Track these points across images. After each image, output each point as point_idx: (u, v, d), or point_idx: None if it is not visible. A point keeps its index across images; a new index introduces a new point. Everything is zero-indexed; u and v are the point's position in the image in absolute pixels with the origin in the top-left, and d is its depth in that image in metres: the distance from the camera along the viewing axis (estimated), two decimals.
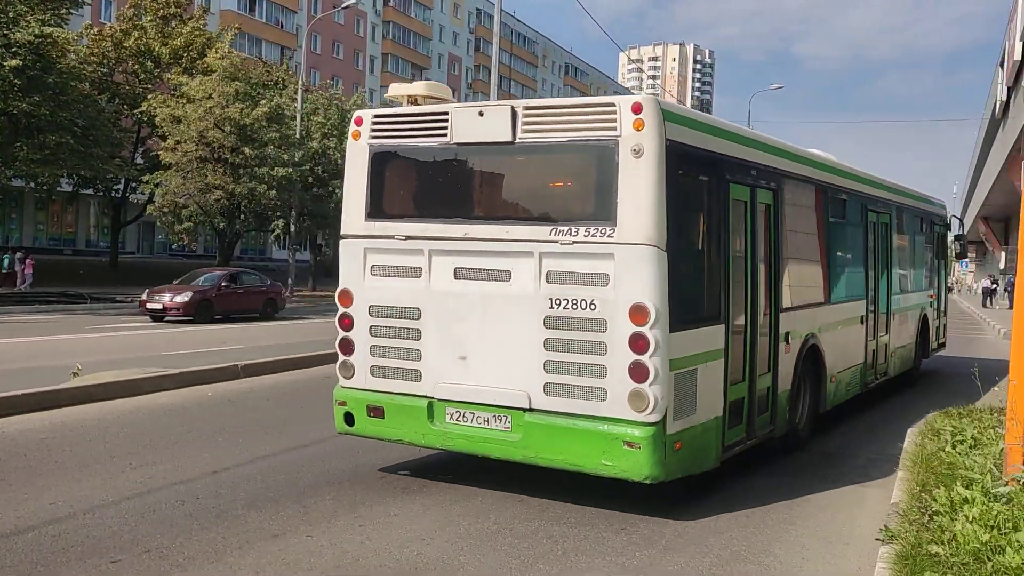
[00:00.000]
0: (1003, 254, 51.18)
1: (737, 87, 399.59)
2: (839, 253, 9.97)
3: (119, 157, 34.31)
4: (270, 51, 59.45)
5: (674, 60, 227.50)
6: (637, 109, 5.93)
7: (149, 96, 34.31)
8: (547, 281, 6.20)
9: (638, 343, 5.82)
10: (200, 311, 21.30)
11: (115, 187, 37.93)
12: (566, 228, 6.15)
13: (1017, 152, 34.52)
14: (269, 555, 5.10)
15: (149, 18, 36.86)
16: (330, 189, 39.51)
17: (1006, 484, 5.59)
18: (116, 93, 36.56)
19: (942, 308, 15.30)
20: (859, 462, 8.04)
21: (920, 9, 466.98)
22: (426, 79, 61.62)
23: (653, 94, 6.62)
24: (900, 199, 12.63)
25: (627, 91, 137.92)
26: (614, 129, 5.99)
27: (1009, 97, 37.57)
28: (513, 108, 6.42)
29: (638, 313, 5.83)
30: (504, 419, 6.34)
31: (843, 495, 6.84)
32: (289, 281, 37.25)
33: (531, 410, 6.19)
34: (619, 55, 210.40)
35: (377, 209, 7.05)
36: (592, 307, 6.00)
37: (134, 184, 37.18)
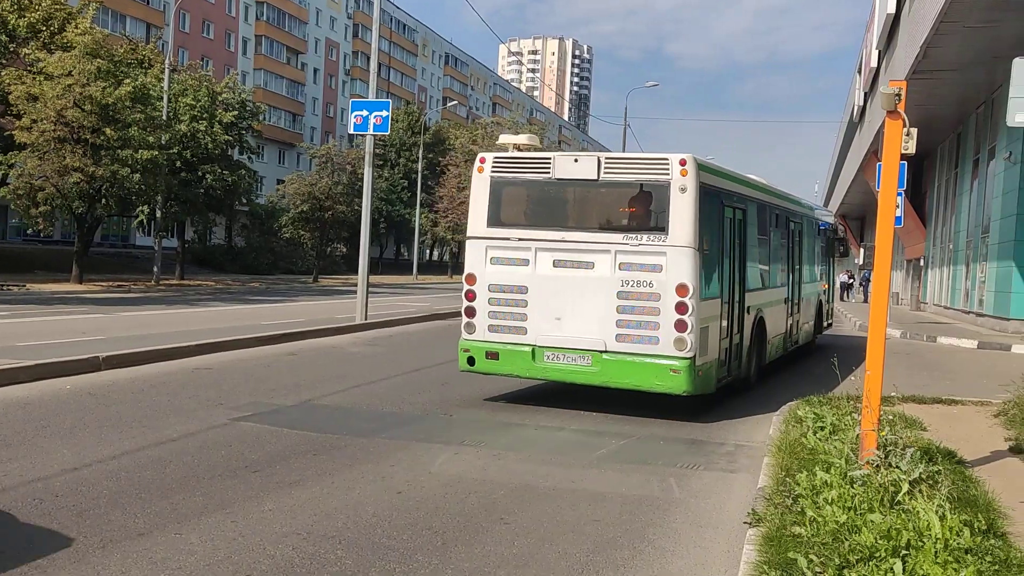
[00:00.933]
0: (861, 250, 54.25)
1: (614, 83, 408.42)
2: (774, 251, 13.60)
3: None
4: (135, 28, 56.69)
5: (553, 54, 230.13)
6: (683, 163, 9.27)
7: (3, 72, 32.10)
8: (619, 269, 9.45)
9: (681, 307, 9.11)
10: None
11: None
12: (634, 235, 9.44)
13: (873, 154, 36.61)
14: (135, 554, 4.87)
15: None
16: (199, 174, 38.02)
17: (861, 468, 5.90)
18: None
19: (830, 297, 19.89)
20: (728, 449, 8.35)
21: (785, 15, 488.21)
22: (301, 63, 60.27)
23: (692, 156, 9.56)
24: (806, 211, 16.64)
25: (507, 83, 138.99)
26: (667, 174, 9.31)
27: (866, 102, 39.78)
28: (599, 158, 9.87)
29: (682, 288, 9.12)
30: (587, 358, 9.55)
31: (713, 481, 7.09)
32: (155, 269, 35.71)
33: (606, 351, 9.41)
34: (499, 47, 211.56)
35: (495, 219, 10.22)
36: (651, 285, 9.26)
37: None
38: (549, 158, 10.12)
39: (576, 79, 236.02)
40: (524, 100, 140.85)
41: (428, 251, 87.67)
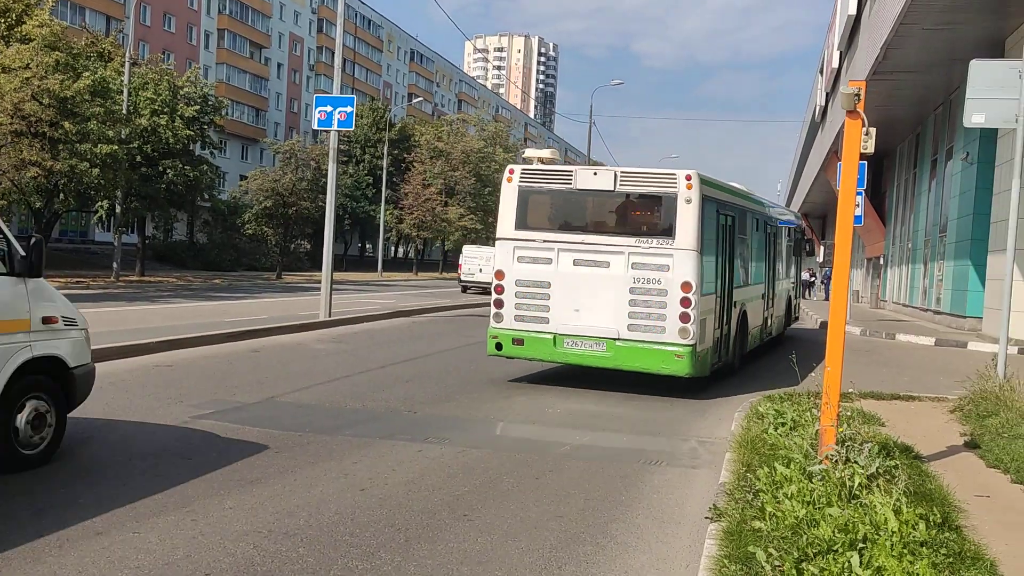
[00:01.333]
0: (821, 249, 54.95)
1: (580, 81, 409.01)
2: (755, 252, 15.11)
3: None
4: (95, 20, 55.74)
5: (519, 52, 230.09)
6: (688, 178, 10.70)
7: None
8: (632, 268, 10.76)
9: (685, 302, 10.48)
10: None
11: None
12: (645, 239, 10.79)
13: (834, 153, 37.08)
14: (93, 553, 4.80)
15: None
16: (160, 169, 37.46)
17: (820, 463, 5.98)
18: None
19: (798, 293, 22.16)
20: (691, 445, 8.42)
21: (747, 15, 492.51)
22: (265, 57, 59.56)
23: (695, 171, 11.02)
24: (780, 215, 18.62)
25: (473, 80, 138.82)
26: (674, 187, 10.72)
27: (828, 102, 40.28)
28: (615, 171, 11.25)
29: (686, 286, 10.51)
30: (602, 344, 10.89)
31: (676, 477, 7.15)
32: (115, 265, 35.16)
33: (619, 339, 10.76)
34: (465, 44, 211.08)
35: (522, 223, 11.48)
36: (659, 283, 10.61)
37: None
38: (571, 171, 11.64)
39: (542, 77, 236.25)
40: (490, 97, 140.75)
41: (393, 248, 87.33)
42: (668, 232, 10.70)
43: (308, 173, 48.35)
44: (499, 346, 11.46)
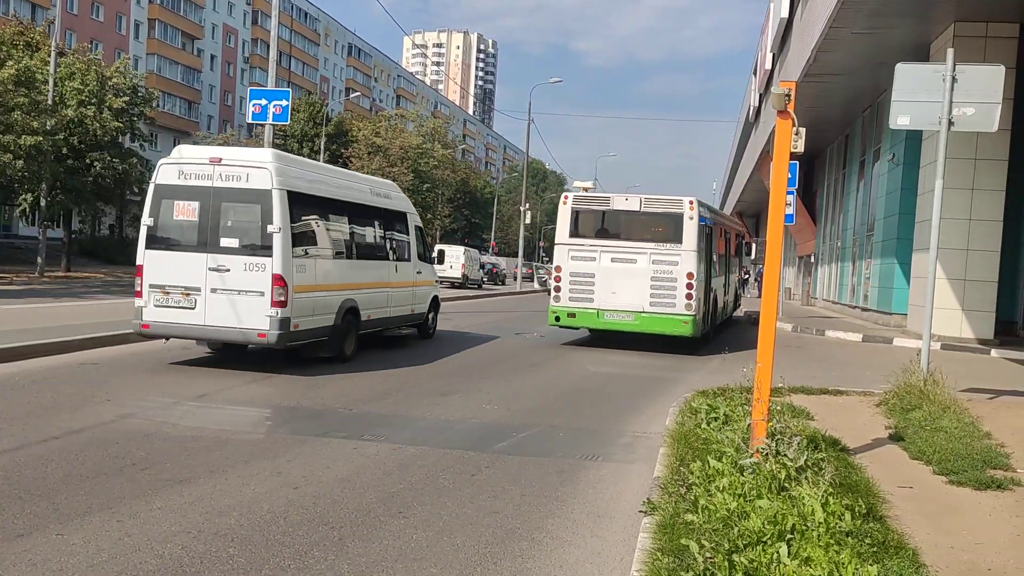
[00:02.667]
0: (754, 246, 55.92)
1: (519, 78, 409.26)
2: (720, 252, 19.89)
3: None
4: (20, 8, 53.99)
5: (458, 48, 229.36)
6: (691, 203, 15.65)
7: None
8: (652, 263, 15.51)
9: (688, 286, 15.30)
10: None
11: None
12: (661, 244, 15.54)
13: (767, 153, 37.76)
14: (13, 556, 4.64)
15: None
16: (88, 161, 36.38)
17: (752, 456, 6.09)
18: None
19: (738, 284, 28.18)
20: (626, 440, 8.50)
21: (684, 15, 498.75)
22: (197, 49, 58.63)
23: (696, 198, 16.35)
24: (734, 225, 25.29)
25: (411, 75, 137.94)
26: (682, 208, 15.65)
27: (761, 103, 41.01)
28: (640, 197, 16.22)
29: (689, 275, 15.35)
30: (631, 316, 15.65)
31: (611, 471, 7.20)
32: (39, 260, 34.07)
33: (643, 312, 15.49)
34: (404, 39, 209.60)
35: (574, 232, 16.28)
36: (670, 273, 15.32)
37: None
38: (609, 196, 17.07)
39: (481, 73, 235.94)
40: (428, 93, 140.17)
41: None
42: (677, 239, 15.62)
43: None
44: (558, 318, 16.36)
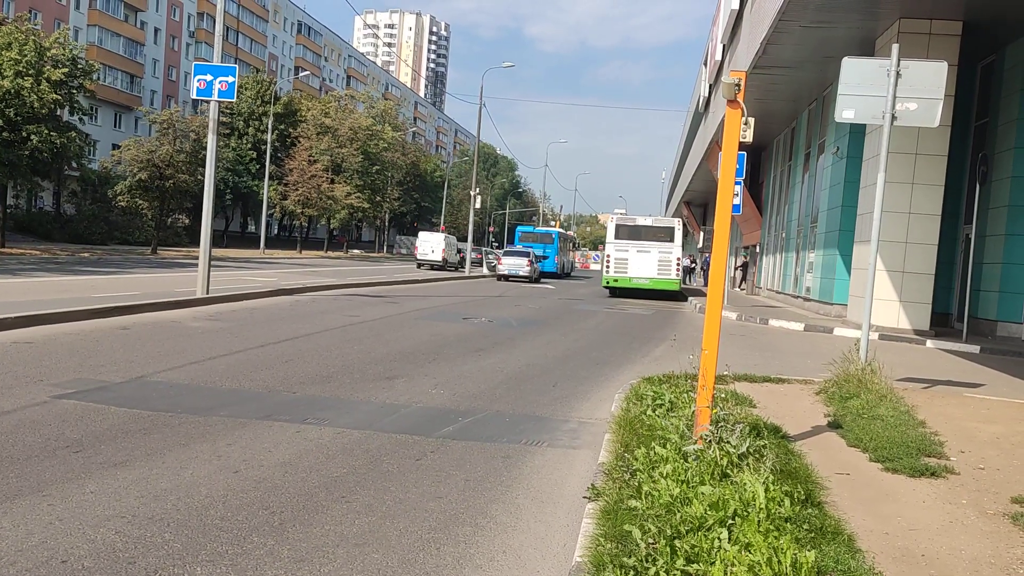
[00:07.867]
0: (701, 235, 56.72)
1: (471, 62, 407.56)
2: (687, 246, 34.51)
3: None
4: None
5: (410, 29, 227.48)
6: (678, 221, 35.62)
7: None
8: (659, 253, 33.72)
9: (677, 264, 34.15)
10: None
11: None
12: (662, 243, 33.87)
13: (715, 144, 38.21)
14: None
15: None
16: (24, 134, 35.26)
17: (695, 443, 6.14)
18: None
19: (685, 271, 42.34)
20: (571, 426, 8.50)
21: (637, 3, 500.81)
22: (141, 21, 57.61)
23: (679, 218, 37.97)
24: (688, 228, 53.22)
25: (362, 56, 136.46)
26: (674, 224, 35.09)
27: (711, 93, 41.42)
28: (651, 217, 35.62)
29: (678, 260, 34.29)
30: (647, 280, 33.73)
31: (556, 457, 7.20)
32: None
33: (653, 278, 33.70)
34: (355, 19, 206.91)
35: (615, 237, 34.35)
36: (668, 258, 33.74)
37: None
38: (635, 217, 35.13)
39: (433, 56, 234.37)
40: (380, 74, 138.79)
41: (277, 225, 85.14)
42: (671, 240, 33.46)
43: (187, 145, 46.35)
44: (607, 283, 33.74)
